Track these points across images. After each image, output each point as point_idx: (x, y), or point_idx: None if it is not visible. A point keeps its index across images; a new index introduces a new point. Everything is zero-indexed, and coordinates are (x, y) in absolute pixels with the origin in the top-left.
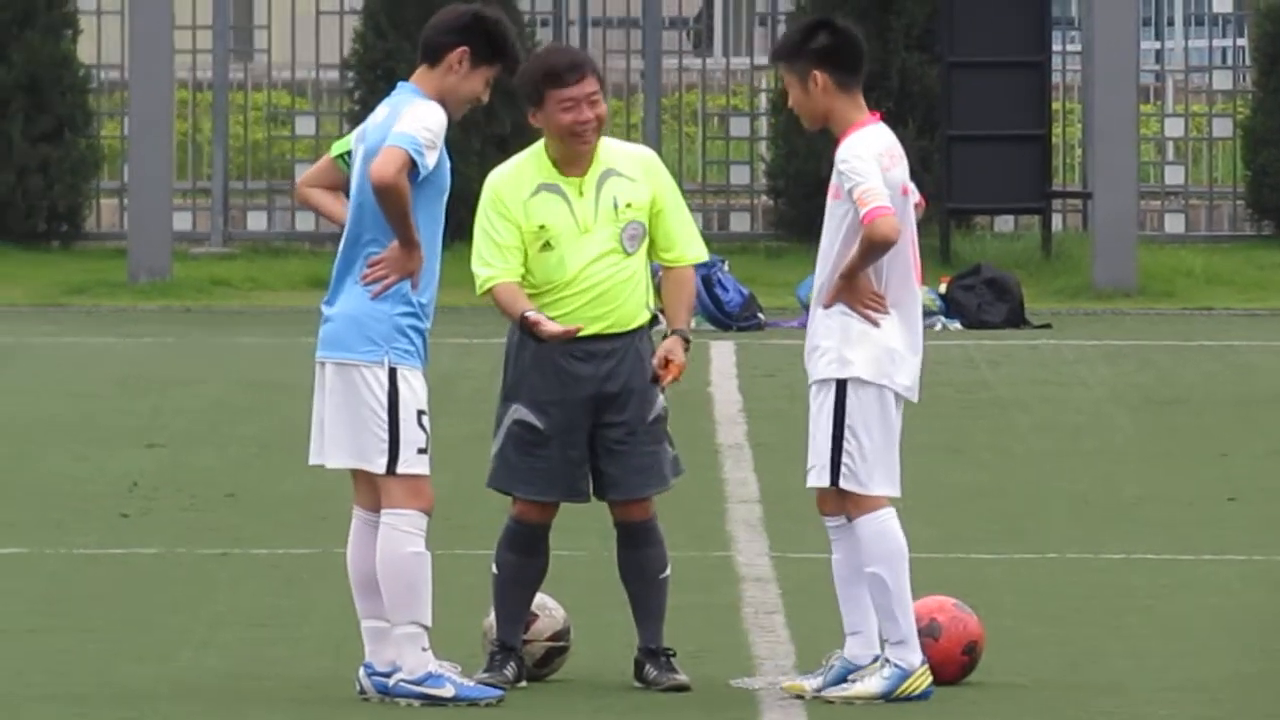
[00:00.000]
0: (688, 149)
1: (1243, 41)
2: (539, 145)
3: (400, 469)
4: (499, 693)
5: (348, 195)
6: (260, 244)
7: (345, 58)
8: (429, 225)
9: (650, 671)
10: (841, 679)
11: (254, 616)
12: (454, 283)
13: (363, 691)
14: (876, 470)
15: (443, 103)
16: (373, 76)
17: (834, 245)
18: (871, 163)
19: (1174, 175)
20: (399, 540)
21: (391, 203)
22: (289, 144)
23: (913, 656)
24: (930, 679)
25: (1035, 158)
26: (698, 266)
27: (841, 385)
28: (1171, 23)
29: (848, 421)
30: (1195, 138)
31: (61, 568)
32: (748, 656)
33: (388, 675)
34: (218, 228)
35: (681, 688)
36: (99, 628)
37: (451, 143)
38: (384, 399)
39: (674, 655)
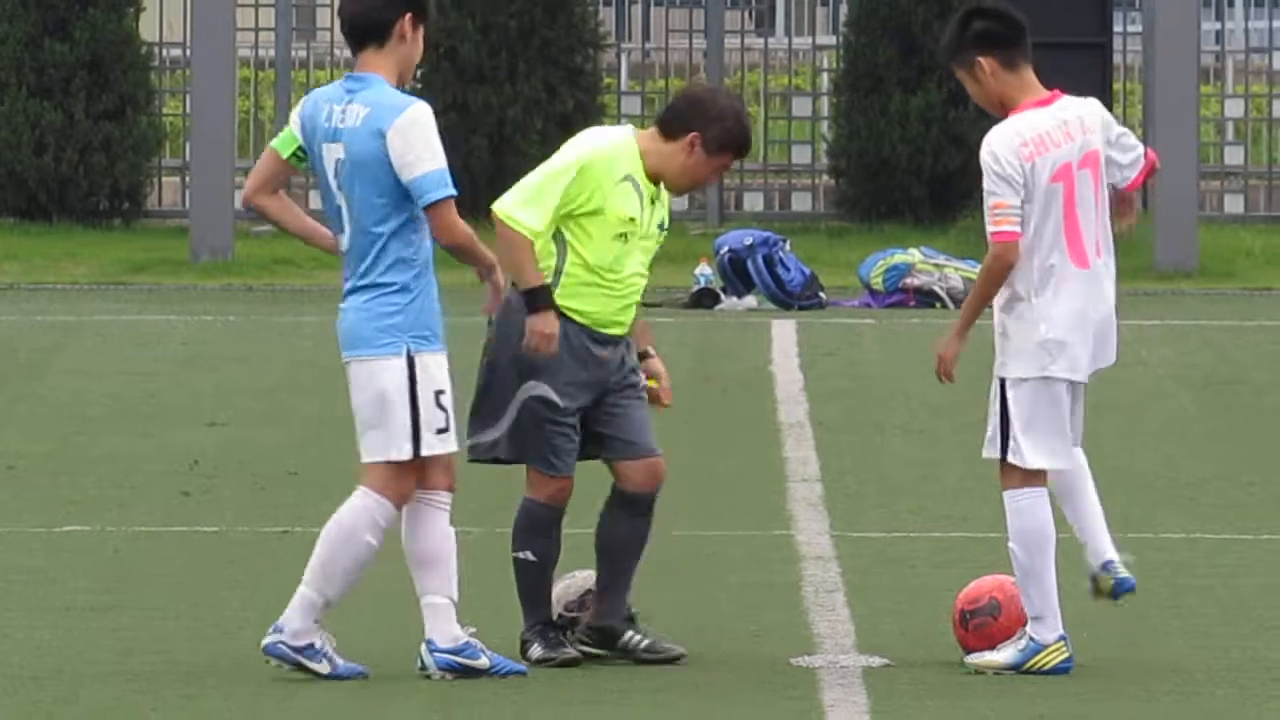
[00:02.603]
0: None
1: None
2: (633, 135)
3: (424, 451)
4: (524, 668)
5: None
6: (322, 222)
7: None
8: (420, 224)
9: (638, 638)
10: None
11: None
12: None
13: (424, 667)
14: (1040, 449)
15: (403, 77)
16: (434, 55)
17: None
18: (1009, 167)
19: (1234, 156)
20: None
21: (468, 254)
22: None
23: (1048, 632)
24: (1067, 653)
25: None
26: (759, 245)
27: (1003, 381)
28: (1232, 3)
29: (1012, 411)
30: (1255, 118)
31: (123, 545)
32: (808, 635)
33: (450, 652)
34: None
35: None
36: (161, 605)
37: (514, 122)
38: (405, 387)
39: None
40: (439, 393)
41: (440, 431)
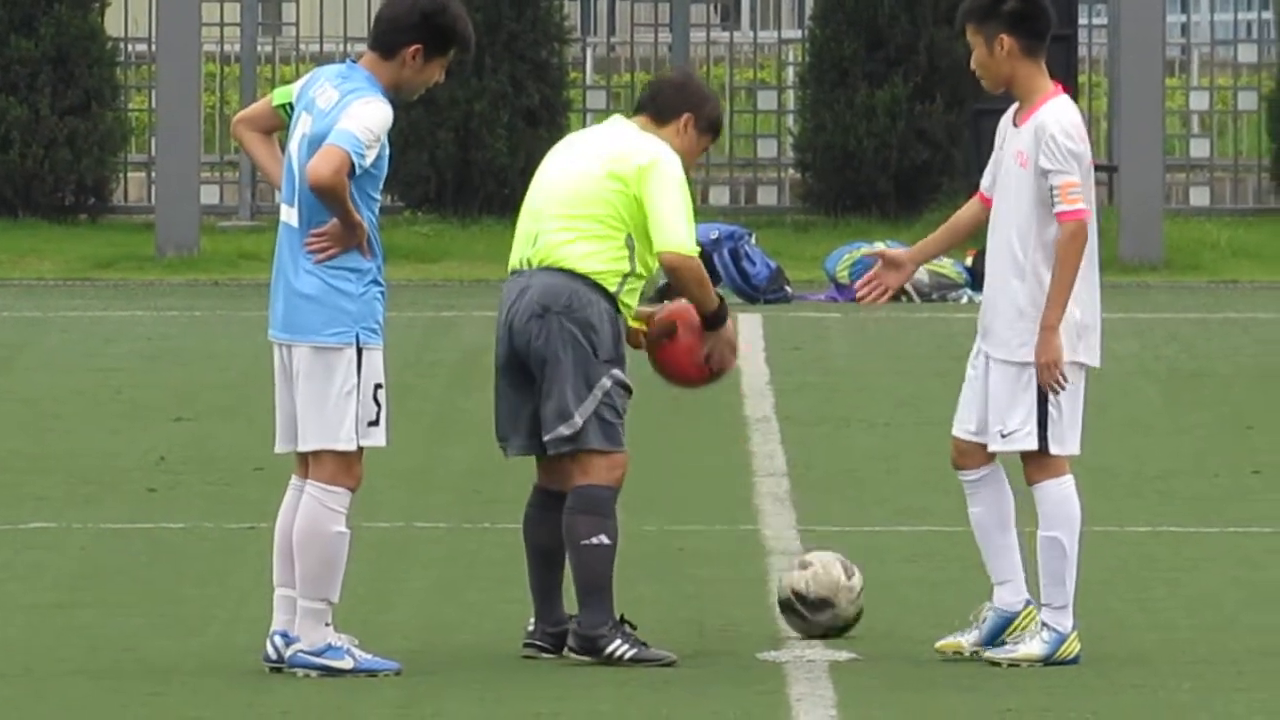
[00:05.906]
0: None
1: (1268, 15)
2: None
3: (364, 441)
4: (396, 665)
5: (281, 145)
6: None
7: None
8: (366, 204)
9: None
10: (1000, 629)
11: None
12: (482, 256)
13: (275, 658)
14: (1069, 435)
15: (398, 90)
16: None
17: (1022, 211)
18: (1080, 144)
19: (1199, 148)
20: (326, 517)
21: (329, 199)
22: None
23: (1067, 622)
24: (1079, 645)
25: None
26: (724, 239)
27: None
28: None
29: (1050, 396)
30: (1220, 111)
31: (90, 542)
32: (775, 630)
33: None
34: (245, 201)
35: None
36: (127, 602)
37: (480, 116)
38: (353, 378)
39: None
40: (377, 386)
41: (371, 424)
